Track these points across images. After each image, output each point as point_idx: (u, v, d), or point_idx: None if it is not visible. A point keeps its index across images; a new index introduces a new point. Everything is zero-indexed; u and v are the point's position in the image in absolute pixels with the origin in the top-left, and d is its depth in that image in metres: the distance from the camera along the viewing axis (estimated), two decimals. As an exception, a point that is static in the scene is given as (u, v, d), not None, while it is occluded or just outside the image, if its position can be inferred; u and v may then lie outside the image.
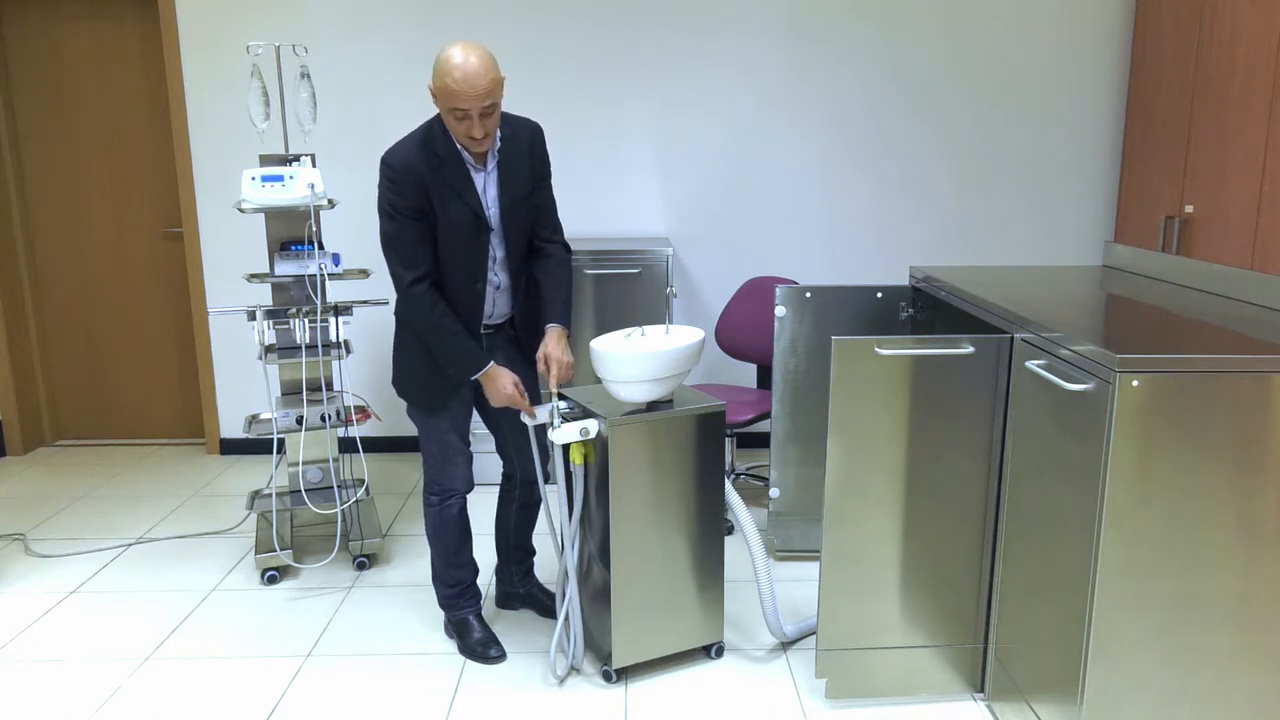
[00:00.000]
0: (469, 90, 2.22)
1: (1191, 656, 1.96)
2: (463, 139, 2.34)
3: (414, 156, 2.37)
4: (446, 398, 2.58)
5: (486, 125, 2.30)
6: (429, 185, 2.37)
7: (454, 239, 2.43)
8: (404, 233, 2.39)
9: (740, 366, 4.41)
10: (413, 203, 2.37)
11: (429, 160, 2.37)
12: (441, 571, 2.73)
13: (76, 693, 2.53)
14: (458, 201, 2.40)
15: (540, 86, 4.16)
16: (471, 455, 2.69)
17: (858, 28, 4.12)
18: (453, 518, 2.67)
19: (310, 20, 4.10)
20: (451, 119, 2.30)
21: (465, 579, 2.74)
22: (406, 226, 2.38)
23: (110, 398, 4.63)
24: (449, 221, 2.41)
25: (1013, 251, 4.35)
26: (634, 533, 2.47)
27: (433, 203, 2.38)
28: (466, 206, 2.41)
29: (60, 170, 4.40)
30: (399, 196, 2.36)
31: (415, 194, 2.36)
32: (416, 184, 2.36)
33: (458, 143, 2.39)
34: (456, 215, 2.41)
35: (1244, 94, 3.11)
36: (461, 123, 2.28)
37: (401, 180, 2.35)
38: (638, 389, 2.42)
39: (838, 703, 2.47)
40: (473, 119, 2.27)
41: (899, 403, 2.30)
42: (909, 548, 2.38)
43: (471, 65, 2.22)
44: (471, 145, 2.35)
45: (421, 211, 2.38)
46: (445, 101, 2.26)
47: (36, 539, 3.53)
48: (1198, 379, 1.84)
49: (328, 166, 4.23)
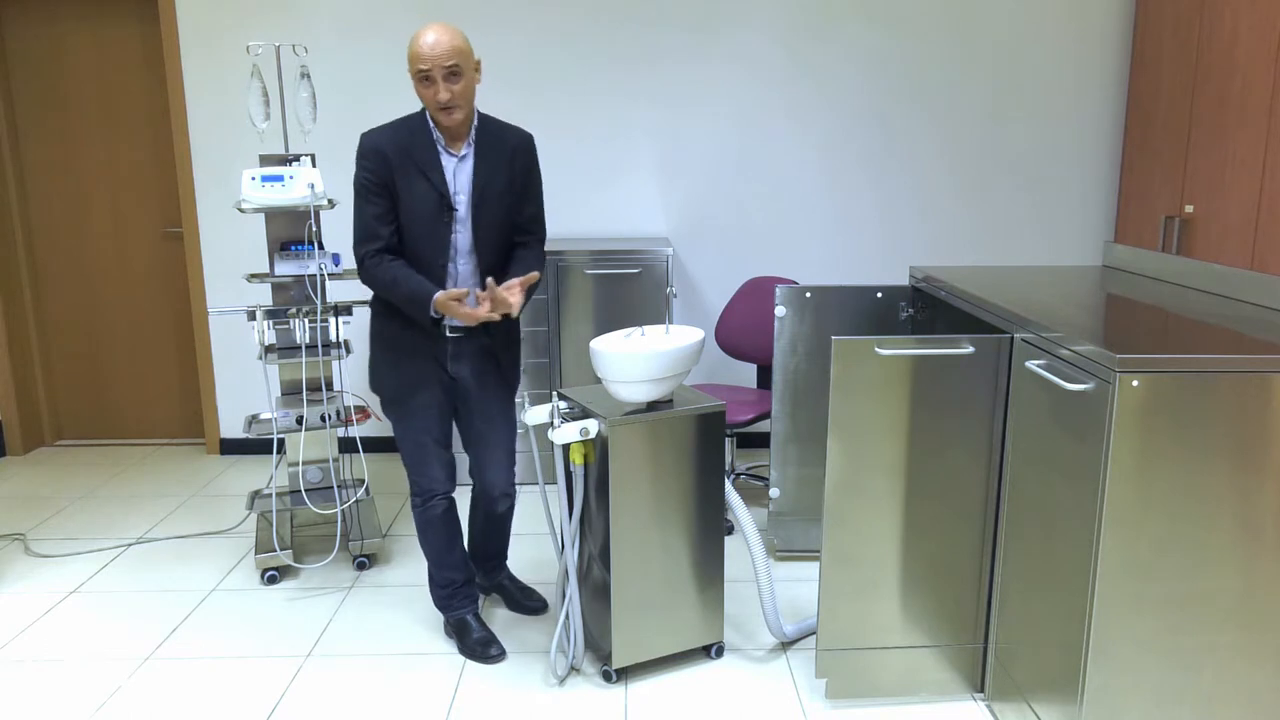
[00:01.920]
0: (430, 51, 2.31)
1: (1191, 656, 1.96)
2: (430, 105, 2.40)
3: (385, 134, 2.45)
4: (407, 395, 2.58)
5: (452, 90, 2.35)
6: (393, 161, 2.43)
7: (417, 217, 2.46)
8: (364, 207, 2.46)
9: (740, 366, 4.41)
10: (375, 177, 2.43)
11: (399, 138, 2.44)
12: (434, 572, 2.74)
13: (76, 693, 2.53)
14: (422, 180, 2.44)
15: (541, 86, 4.16)
16: (451, 457, 2.67)
17: (857, 28, 4.13)
18: (437, 518, 2.67)
19: (310, 20, 4.10)
20: (420, 85, 2.37)
21: (457, 579, 2.74)
22: (367, 202, 2.45)
23: (110, 398, 4.63)
24: (411, 198, 2.45)
25: (1013, 251, 4.35)
26: (634, 533, 2.47)
27: (396, 179, 2.44)
28: (430, 185, 2.45)
29: (60, 170, 4.40)
30: (362, 171, 2.44)
31: (379, 168, 2.42)
32: (381, 160, 2.42)
33: (432, 126, 2.45)
34: (419, 192, 2.45)
35: (1244, 94, 3.11)
36: (427, 88, 2.36)
37: (368, 155, 2.43)
38: (638, 389, 2.42)
39: (838, 703, 2.47)
40: (436, 81, 2.34)
41: (899, 403, 2.30)
42: (909, 548, 2.38)
43: (436, 30, 2.33)
44: (440, 116, 2.40)
45: (383, 187, 2.44)
46: (411, 66, 2.35)
47: (36, 539, 3.53)
48: (1198, 379, 1.84)
49: (328, 166, 4.23)
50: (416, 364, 2.58)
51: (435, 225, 2.47)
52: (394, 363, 2.58)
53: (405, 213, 2.46)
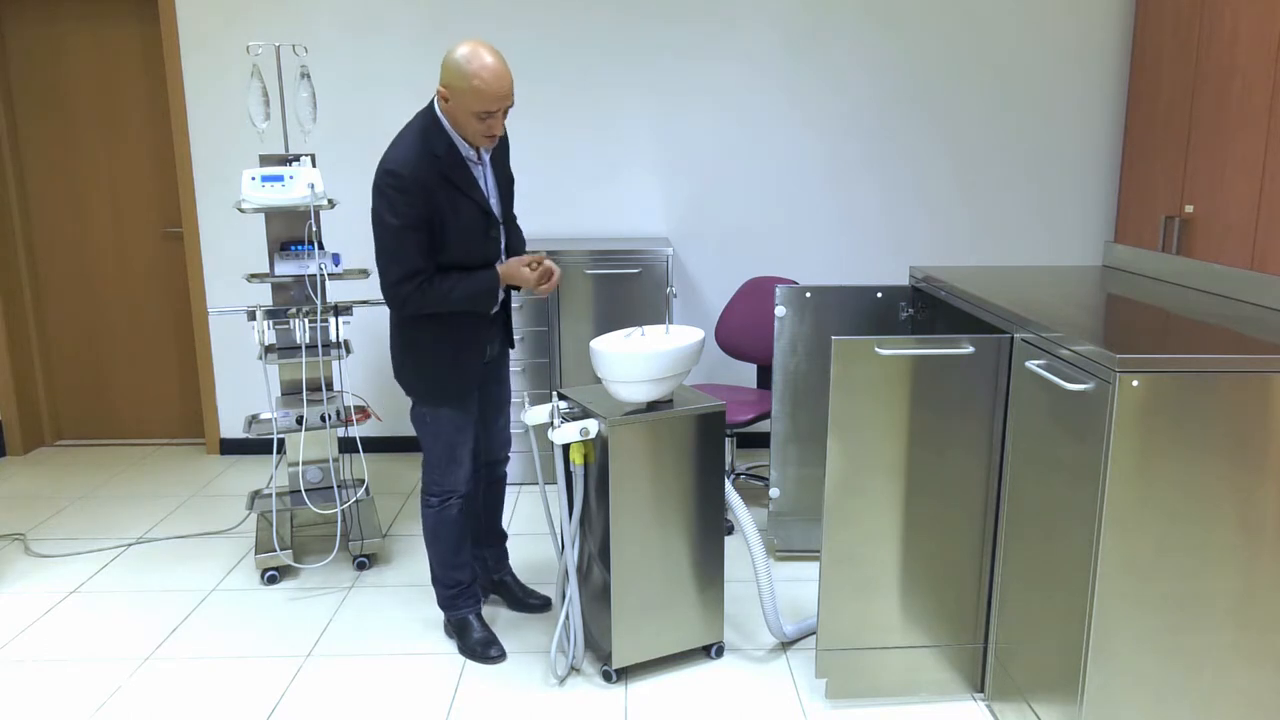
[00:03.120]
0: (499, 89, 2.26)
1: (1191, 656, 1.96)
2: (480, 138, 2.36)
3: (420, 164, 2.34)
4: (451, 396, 2.56)
5: (503, 122, 2.35)
6: (437, 192, 2.36)
7: (467, 238, 2.43)
8: (404, 242, 2.35)
9: (740, 366, 4.41)
10: (421, 213, 2.34)
11: (432, 164, 2.35)
12: (440, 573, 2.72)
13: (76, 693, 2.53)
14: (467, 202, 2.42)
15: (541, 86, 4.16)
16: (477, 454, 2.68)
17: (858, 28, 4.13)
18: (452, 519, 2.66)
19: (310, 20, 4.10)
20: (473, 120, 2.31)
21: (464, 580, 2.73)
22: (409, 236, 2.35)
23: (110, 398, 4.63)
24: (461, 223, 2.41)
25: (1013, 251, 4.35)
26: (634, 533, 2.47)
27: (442, 208, 2.37)
28: (475, 205, 2.44)
29: (60, 170, 4.40)
30: (410, 207, 2.33)
31: (423, 204, 2.34)
32: (426, 195, 2.34)
33: (456, 139, 2.39)
34: (467, 215, 2.42)
35: (1244, 94, 3.11)
36: (484, 122, 2.31)
37: (412, 191, 2.32)
38: (638, 389, 2.42)
39: (838, 703, 2.47)
40: (497, 118, 2.31)
41: (899, 403, 2.30)
42: (909, 548, 2.38)
43: (498, 65, 2.26)
44: (485, 143, 2.38)
45: (427, 222, 2.37)
46: (472, 102, 2.27)
47: (36, 539, 3.53)
48: (1198, 379, 1.84)
49: (328, 166, 4.23)
50: (464, 362, 2.55)
51: (484, 239, 2.48)
52: (437, 362, 2.53)
53: (455, 234, 2.40)
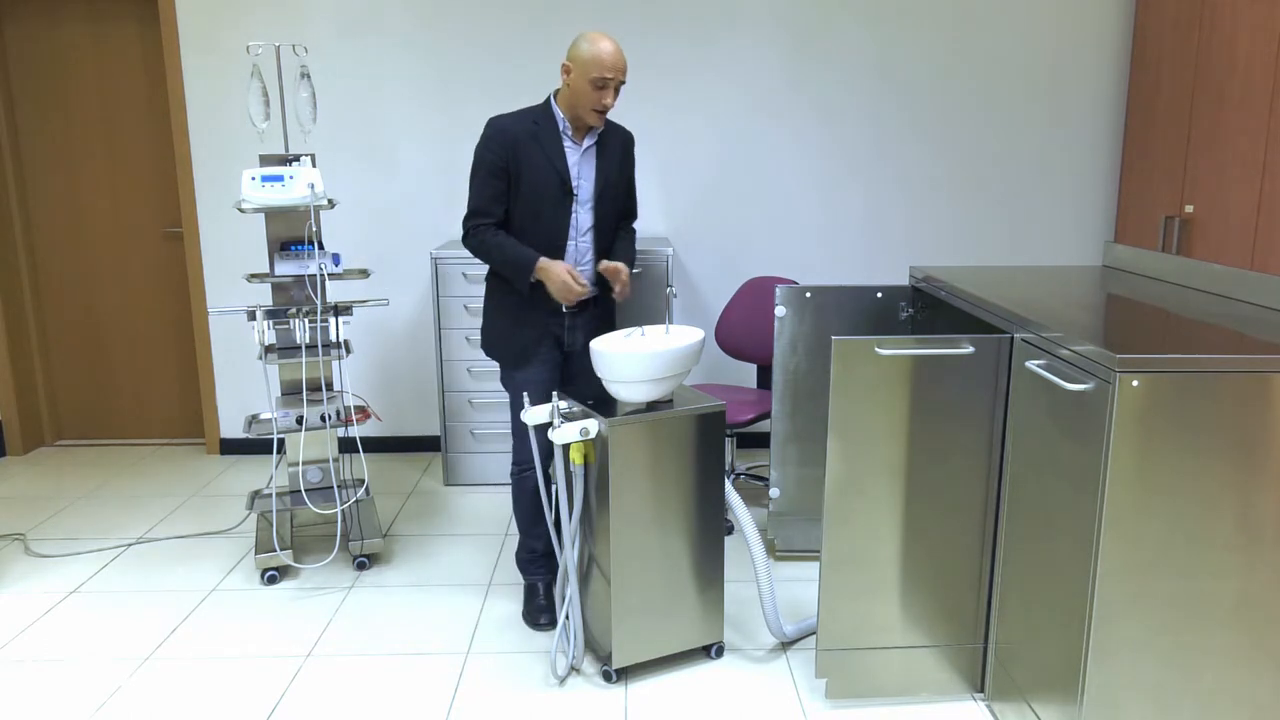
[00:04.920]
0: (618, 60, 2.55)
1: (1191, 657, 1.96)
2: (594, 106, 2.58)
3: (513, 119, 2.65)
4: (522, 364, 2.76)
5: (614, 99, 2.59)
6: (519, 145, 2.62)
7: (538, 200, 2.65)
8: (483, 185, 2.64)
9: (740, 366, 4.41)
10: (498, 159, 2.62)
11: (526, 125, 2.64)
12: (521, 538, 2.93)
13: (76, 693, 2.53)
14: (546, 164, 2.64)
15: (540, 87, 4.16)
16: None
17: (857, 27, 4.13)
18: (528, 490, 2.83)
19: (310, 20, 4.10)
20: (591, 87, 2.55)
21: (537, 549, 2.90)
22: (487, 180, 2.64)
23: (110, 398, 4.63)
24: (533, 181, 2.64)
25: (1013, 251, 4.35)
26: (634, 533, 2.47)
27: (520, 162, 2.62)
28: (554, 169, 2.64)
29: (60, 170, 4.40)
30: (488, 150, 2.62)
31: (502, 151, 2.61)
32: (507, 142, 2.61)
33: (559, 117, 2.65)
34: (541, 176, 2.64)
35: (1244, 94, 3.11)
36: (600, 91, 2.56)
37: (494, 136, 2.62)
38: (638, 389, 2.42)
39: (838, 703, 2.47)
40: (610, 88, 2.56)
41: (899, 403, 2.30)
42: (909, 548, 2.38)
43: (615, 44, 2.57)
44: (594, 118, 2.60)
45: (504, 170, 2.63)
46: (591, 68, 2.53)
47: (36, 539, 3.53)
48: (1198, 379, 1.84)
49: (328, 166, 4.23)
50: (534, 337, 2.75)
51: (557, 208, 2.67)
52: (511, 331, 2.76)
53: (528, 191, 2.65)
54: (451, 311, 3.89)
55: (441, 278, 3.86)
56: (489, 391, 3.97)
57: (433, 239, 4.30)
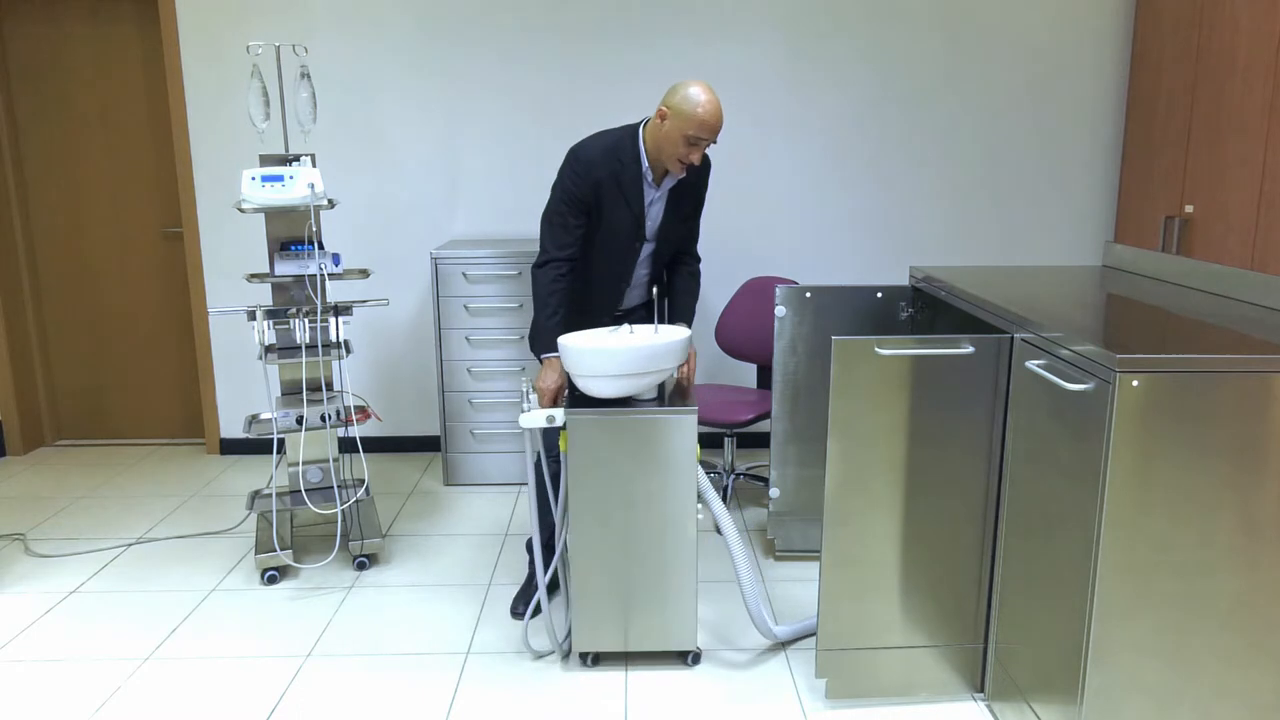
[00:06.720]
0: (715, 123, 2.51)
1: (1191, 657, 1.96)
2: (676, 162, 2.56)
3: (599, 157, 2.62)
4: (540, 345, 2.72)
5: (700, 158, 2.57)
6: (603, 186, 2.62)
7: (612, 239, 2.69)
8: (563, 218, 2.64)
9: (740, 366, 4.41)
10: (583, 195, 2.62)
11: (611, 164, 2.62)
12: None
13: (76, 693, 2.53)
14: (624, 208, 2.66)
15: (540, 88, 4.16)
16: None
17: (857, 27, 4.13)
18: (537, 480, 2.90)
19: (310, 20, 4.10)
20: (682, 142, 2.52)
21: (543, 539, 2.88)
22: (567, 214, 2.63)
23: (110, 398, 4.63)
24: (611, 222, 2.66)
25: (1013, 251, 4.35)
26: (591, 522, 2.51)
27: (602, 203, 2.63)
28: (631, 214, 2.67)
29: (60, 170, 4.40)
30: (574, 186, 2.62)
31: (587, 189, 2.61)
32: (593, 182, 2.61)
33: (644, 160, 2.63)
34: (619, 219, 2.66)
35: (1244, 94, 3.11)
36: (690, 148, 2.53)
37: (581, 174, 2.61)
38: (603, 384, 2.44)
39: (838, 703, 2.47)
40: (700, 148, 2.54)
41: (899, 403, 2.30)
42: (909, 548, 2.38)
43: (718, 104, 2.51)
44: (675, 168, 2.59)
45: (585, 206, 2.63)
46: (687, 126, 2.49)
47: (36, 539, 3.53)
48: (1198, 379, 1.84)
49: (328, 166, 4.23)
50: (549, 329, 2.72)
51: (626, 248, 2.73)
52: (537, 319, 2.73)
53: (604, 231, 2.68)
54: (451, 311, 3.89)
55: (441, 278, 3.86)
56: (489, 391, 3.98)
57: (433, 239, 4.30)
